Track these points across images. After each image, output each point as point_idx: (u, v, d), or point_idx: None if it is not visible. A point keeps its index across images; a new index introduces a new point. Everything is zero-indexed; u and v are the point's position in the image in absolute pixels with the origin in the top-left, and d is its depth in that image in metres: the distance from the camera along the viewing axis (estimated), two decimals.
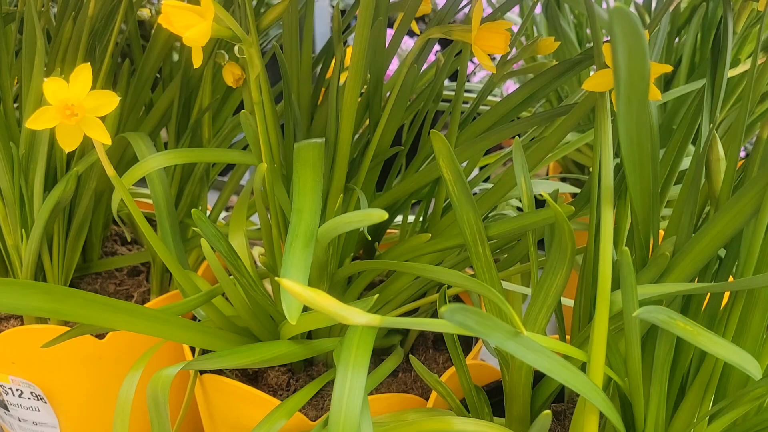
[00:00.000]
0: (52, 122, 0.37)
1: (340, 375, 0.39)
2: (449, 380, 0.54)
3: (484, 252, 0.46)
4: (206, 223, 0.44)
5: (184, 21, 0.35)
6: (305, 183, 0.43)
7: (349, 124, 0.47)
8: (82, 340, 0.61)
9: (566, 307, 0.56)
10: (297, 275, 0.38)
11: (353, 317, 0.33)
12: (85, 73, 0.37)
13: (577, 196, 0.53)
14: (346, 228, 0.39)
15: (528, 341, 0.32)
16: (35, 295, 0.37)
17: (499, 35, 0.41)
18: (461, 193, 0.44)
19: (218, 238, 0.44)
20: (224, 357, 0.46)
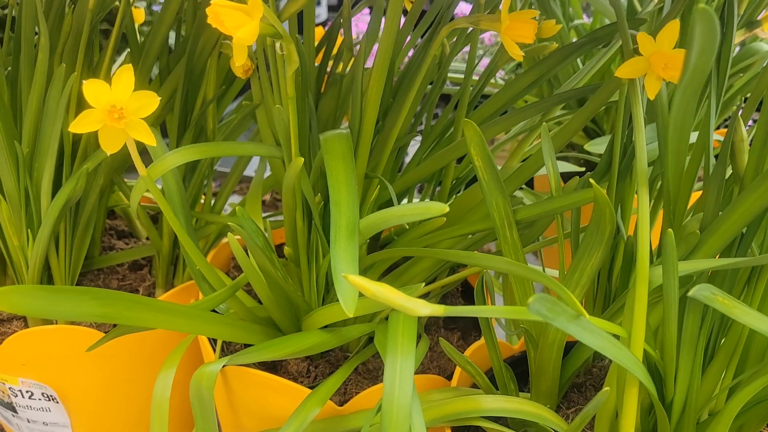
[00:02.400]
0: (96, 125, 0.36)
1: (389, 363, 0.40)
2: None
3: (512, 235, 0.47)
4: (247, 219, 0.44)
5: (235, 21, 0.34)
6: (338, 175, 0.44)
7: (372, 113, 0.48)
8: (94, 337, 0.60)
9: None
10: (347, 268, 0.38)
11: (419, 308, 0.33)
12: (128, 74, 0.36)
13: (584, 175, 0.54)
14: (402, 221, 0.40)
15: (586, 323, 0.34)
16: (89, 301, 0.36)
17: (527, 24, 0.42)
18: (491, 179, 0.45)
19: (257, 233, 0.45)
20: (263, 350, 0.46)
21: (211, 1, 0.35)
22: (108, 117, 0.36)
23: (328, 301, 0.56)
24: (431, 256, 0.44)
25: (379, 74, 0.45)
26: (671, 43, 0.38)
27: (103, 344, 0.47)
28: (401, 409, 0.38)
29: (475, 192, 0.58)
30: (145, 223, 0.65)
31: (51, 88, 0.54)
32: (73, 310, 0.36)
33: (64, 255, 0.60)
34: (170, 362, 0.48)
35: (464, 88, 0.57)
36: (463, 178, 0.65)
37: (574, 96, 0.51)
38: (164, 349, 0.66)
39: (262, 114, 0.57)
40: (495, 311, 0.36)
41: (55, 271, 0.61)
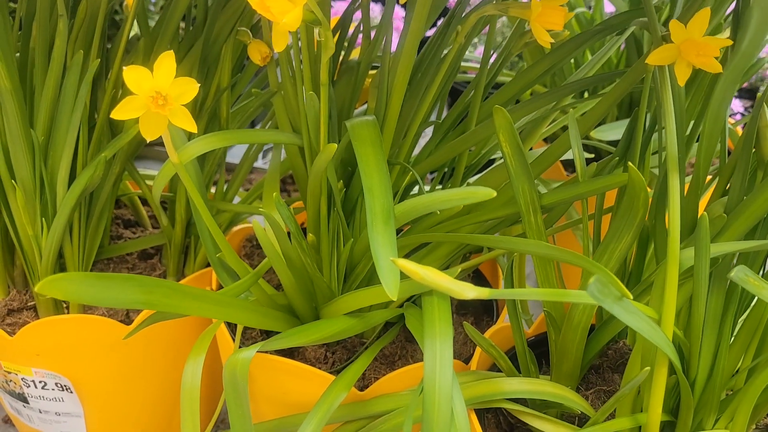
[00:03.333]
0: (138, 111, 0.36)
1: (428, 347, 0.40)
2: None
3: (536, 220, 0.48)
4: (283, 206, 0.44)
5: (281, 7, 0.34)
6: (368, 161, 0.44)
7: (398, 100, 0.48)
8: (110, 326, 0.60)
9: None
10: (386, 252, 0.39)
11: (465, 292, 0.34)
12: (169, 60, 0.36)
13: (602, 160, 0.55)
14: (445, 206, 0.40)
15: (629, 305, 0.35)
16: (133, 288, 0.37)
17: (557, 11, 0.43)
18: (519, 166, 0.46)
19: (291, 219, 0.45)
20: (294, 336, 0.47)
21: None
22: (152, 104, 0.36)
23: (348, 287, 0.57)
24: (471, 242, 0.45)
25: (406, 61, 0.46)
26: (702, 31, 0.39)
27: (136, 333, 0.47)
28: (443, 393, 0.39)
29: (491, 178, 0.58)
30: (158, 212, 0.65)
31: (68, 75, 0.53)
32: (118, 296, 0.36)
33: (78, 244, 0.60)
34: (198, 349, 0.48)
35: (480, 76, 0.58)
36: (475, 164, 0.65)
37: (594, 83, 0.51)
38: (179, 336, 0.66)
39: (279, 101, 0.57)
40: (540, 294, 0.37)
41: (69, 261, 0.61)
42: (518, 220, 0.56)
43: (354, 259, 0.55)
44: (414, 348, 0.61)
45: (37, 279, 0.61)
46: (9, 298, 0.65)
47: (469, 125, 0.60)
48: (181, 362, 0.68)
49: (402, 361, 0.60)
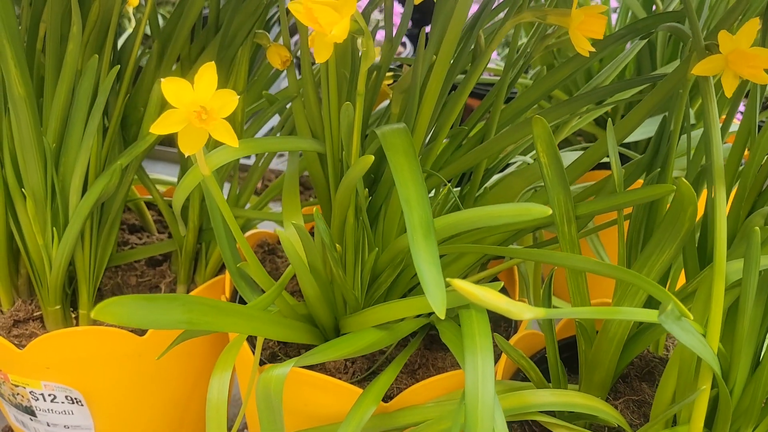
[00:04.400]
0: (179, 125, 0.35)
1: (469, 362, 0.39)
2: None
3: (570, 230, 0.47)
4: (321, 219, 0.43)
5: (329, 18, 0.33)
6: (403, 171, 0.43)
7: (429, 108, 0.47)
8: (123, 338, 0.59)
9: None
10: (430, 268, 0.38)
11: (523, 313, 0.33)
12: (210, 72, 0.35)
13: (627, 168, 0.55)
14: (495, 222, 0.39)
15: (687, 325, 0.34)
16: (177, 307, 0.35)
17: (597, 19, 0.42)
18: (555, 176, 0.45)
19: (326, 233, 0.44)
20: (327, 350, 0.46)
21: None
22: (195, 118, 0.34)
23: (370, 296, 0.56)
24: (515, 255, 0.44)
25: (441, 68, 0.45)
26: (749, 42, 0.38)
27: (172, 348, 0.46)
28: (486, 409, 0.38)
29: (511, 183, 0.58)
30: (170, 219, 0.63)
31: (82, 80, 0.51)
32: (163, 318, 0.35)
33: (89, 253, 0.58)
34: (224, 364, 0.46)
35: (501, 84, 0.57)
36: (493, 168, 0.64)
37: (623, 89, 0.51)
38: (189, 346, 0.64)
39: (298, 106, 0.56)
40: (600, 312, 0.36)
41: (80, 271, 0.59)
42: (538, 228, 0.55)
43: (377, 268, 0.54)
44: (435, 356, 0.60)
45: (45, 289, 0.59)
46: (14, 308, 0.63)
47: (490, 132, 0.59)
48: (191, 373, 0.67)
49: (423, 370, 0.59)
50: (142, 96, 0.58)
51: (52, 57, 0.52)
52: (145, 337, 0.60)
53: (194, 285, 0.68)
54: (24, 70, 0.47)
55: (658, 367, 0.56)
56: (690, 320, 0.33)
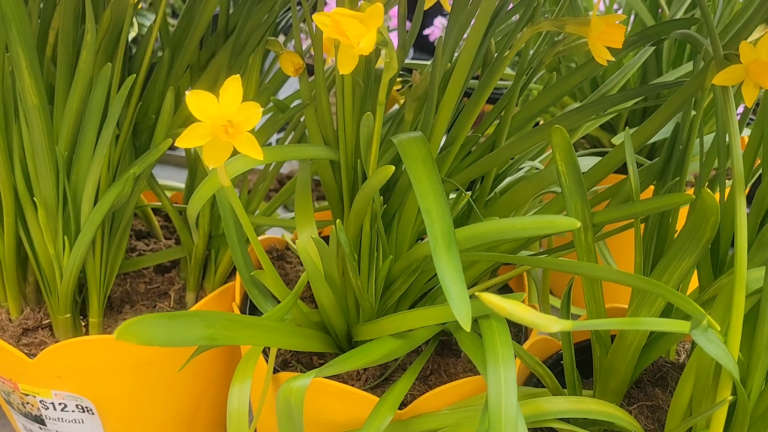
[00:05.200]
0: (204, 139, 0.35)
1: (492, 372, 0.40)
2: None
3: (587, 238, 0.47)
4: (342, 231, 0.43)
5: (357, 30, 0.33)
6: (422, 181, 0.43)
7: (446, 116, 0.47)
8: (134, 346, 0.58)
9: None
10: (454, 280, 0.38)
11: (551, 325, 0.33)
12: (235, 85, 0.35)
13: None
14: (521, 235, 0.39)
15: (712, 335, 0.34)
16: (197, 324, 0.35)
17: (617, 28, 0.42)
18: (573, 184, 0.45)
19: (348, 244, 0.43)
20: (346, 361, 0.46)
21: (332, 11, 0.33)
22: (221, 131, 0.34)
23: (383, 304, 0.56)
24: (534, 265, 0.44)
25: (459, 77, 0.45)
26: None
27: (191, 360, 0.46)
28: (509, 419, 0.38)
29: (523, 190, 0.58)
30: (179, 226, 0.63)
31: (95, 88, 0.51)
32: (185, 335, 0.34)
33: (100, 262, 0.58)
34: (243, 374, 0.46)
35: (513, 90, 0.57)
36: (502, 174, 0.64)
37: (637, 96, 0.51)
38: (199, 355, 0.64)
39: (310, 113, 0.56)
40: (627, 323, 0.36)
41: (90, 279, 0.58)
42: (549, 234, 0.56)
43: (391, 276, 0.54)
44: (446, 362, 0.60)
45: (55, 298, 0.59)
46: (23, 317, 0.62)
47: (501, 138, 0.59)
48: (200, 380, 0.67)
49: (435, 376, 0.59)
50: (153, 103, 0.58)
51: (64, 65, 0.52)
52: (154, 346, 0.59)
53: (203, 291, 0.67)
54: (38, 79, 0.47)
55: (671, 372, 0.56)
56: (717, 329, 0.33)
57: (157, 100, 0.58)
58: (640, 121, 0.82)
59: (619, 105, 0.55)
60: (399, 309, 0.58)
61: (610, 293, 0.62)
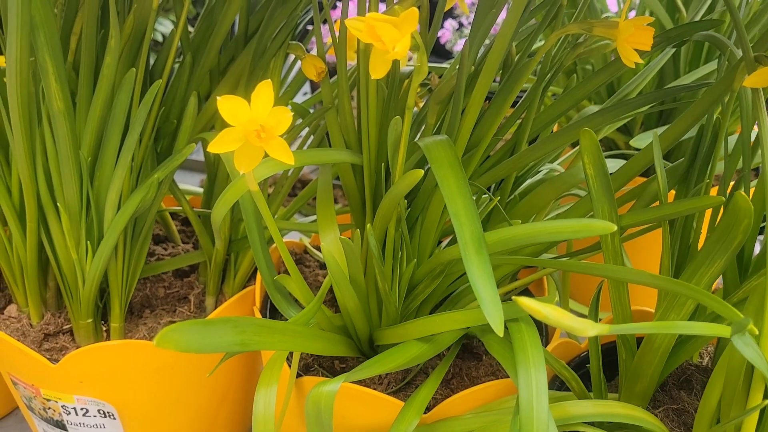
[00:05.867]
0: (236, 144, 0.35)
1: (523, 376, 0.39)
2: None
3: (614, 242, 0.47)
4: (371, 235, 0.43)
5: (392, 36, 0.33)
6: (450, 185, 0.43)
7: (471, 120, 0.47)
8: (156, 351, 0.58)
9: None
10: (486, 284, 0.37)
11: (588, 330, 0.33)
12: (267, 90, 0.35)
13: None
14: (554, 238, 0.39)
15: (748, 339, 0.34)
16: (230, 330, 0.35)
17: (645, 31, 0.42)
18: (600, 187, 0.45)
19: (377, 247, 0.43)
20: (373, 365, 0.46)
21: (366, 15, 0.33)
22: (252, 136, 0.34)
23: (406, 307, 0.55)
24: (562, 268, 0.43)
25: (485, 80, 0.44)
26: None
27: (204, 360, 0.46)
28: (541, 423, 0.38)
29: (541, 193, 0.58)
30: (199, 230, 0.63)
31: (119, 93, 0.51)
32: (218, 341, 0.34)
33: (122, 267, 0.58)
34: (269, 378, 0.46)
35: (533, 93, 0.57)
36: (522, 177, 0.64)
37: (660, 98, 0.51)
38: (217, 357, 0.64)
39: (332, 117, 0.56)
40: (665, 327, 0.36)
41: (113, 284, 0.58)
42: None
43: (414, 280, 0.54)
44: (467, 366, 0.60)
45: (76, 303, 0.59)
46: (44, 321, 0.62)
47: (521, 141, 0.59)
48: (220, 383, 0.67)
49: (456, 380, 0.59)
50: (175, 108, 0.58)
51: (86, 70, 0.52)
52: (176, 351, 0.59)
53: (222, 296, 0.67)
54: (64, 84, 0.47)
55: (695, 375, 0.56)
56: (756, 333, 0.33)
57: (178, 104, 0.58)
58: (656, 124, 0.81)
59: (640, 108, 0.55)
60: (421, 312, 0.58)
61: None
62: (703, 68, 0.70)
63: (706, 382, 0.55)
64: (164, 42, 0.58)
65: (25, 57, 0.41)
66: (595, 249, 0.55)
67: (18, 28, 0.39)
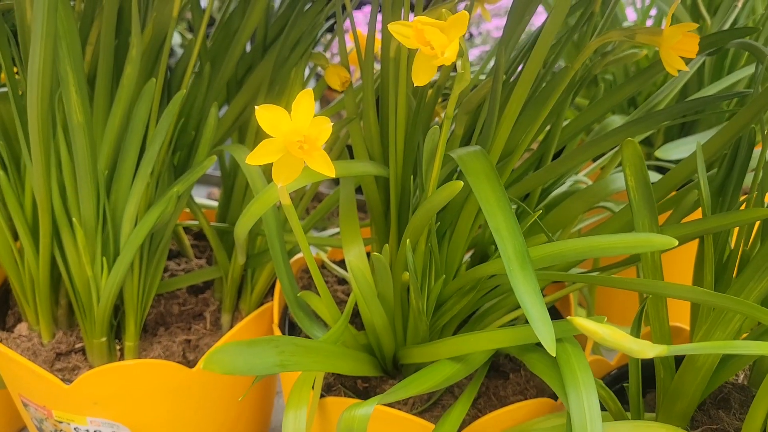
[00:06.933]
0: (276, 155, 0.33)
1: (573, 398, 0.38)
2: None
3: (653, 256, 0.45)
4: (410, 251, 0.41)
5: (441, 41, 0.31)
6: (488, 197, 0.41)
7: (506, 130, 0.45)
8: (173, 370, 0.56)
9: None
10: (534, 302, 0.36)
11: (646, 351, 0.32)
12: (308, 99, 0.33)
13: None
14: (605, 254, 0.37)
15: None
16: (271, 350, 0.34)
17: (690, 38, 0.40)
18: (642, 199, 0.44)
19: (413, 263, 0.42)
20: (407, 387, 0.44)
21: (414, 19, 0.31)
22: (294, 147, 0.32)
23: (433, 324, 0.54)
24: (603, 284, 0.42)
25: (522, 91, 0.43)
26: None
27: (220, 380, 0.44)
28: None
29: (570, 206, 0.56)
30: (216, 245, 0.61)
31: (138, 104, 0.49)
32: (261, 362, 0.33)
33: (138, 284, 0.56)
34: (298, 400, 0.44)
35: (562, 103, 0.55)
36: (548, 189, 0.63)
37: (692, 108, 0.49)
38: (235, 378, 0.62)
39: (355, 129, 0.54)
40: (719, 347, 0.34)
41: (128, 302, 0.56)
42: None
43: (443, 296, 0.52)
44: (495, 384, 0.58)
45: (90, 321, 0.57)
46: (55, 340, 0.60)
47: (548, 152, 0.58)
48: (236, 403, 0.65)
49: (484, 399, 0.57)
50: (192, 119, 0.56)
51: (104, 80, 0.50)
52: (194, 370, 0.57)
53: (239, 312, 0.65)
54: (84, 96, 0.45)
55: (733, 393, 0.54)
56: None
57: (196, 115, 0.56)
58: (678, 134, 0.80)
59: (671, 119, 0.54)
60: (446, 330, 0.56)
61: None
62: (729, 77, 0.69)
63: (744, 400, 0.54)
64: (179, 52, 0.56)
65: (49, 68, 0.39)
66: (626, 264, 0.53)
67: (42, 38, 0.38)
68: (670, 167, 0.73)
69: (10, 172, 0.54)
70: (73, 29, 0.41)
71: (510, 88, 0.44)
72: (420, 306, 0.45)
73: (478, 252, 0.60)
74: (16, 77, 0.50)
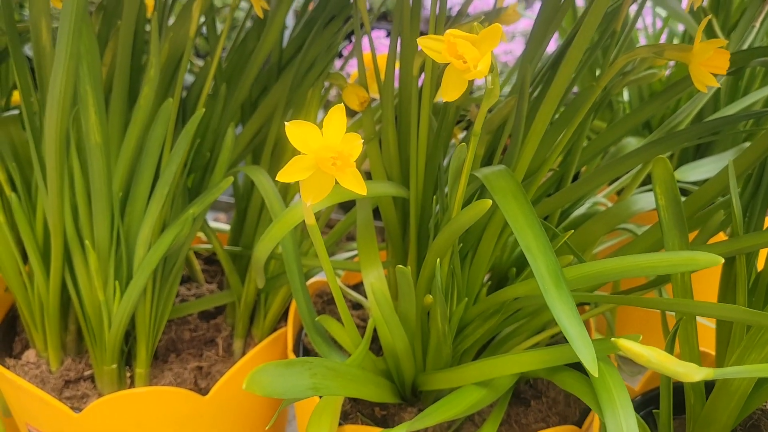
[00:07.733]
0: (307, 172, 0.32)
1: (611, 420, 0.36)
2: None
3: (683, 277, 0.44)
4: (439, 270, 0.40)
5: (474, 54, 0.31)
6: (516, 216, 0.40)
7: (532, 149, 0.45)
8: (186, 398, 0.55)
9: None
10: (572, 322, 0.35)
11: (693, 374, 0.30)
12: (340, 115, 0.32)
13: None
14: (647, 273, 0.36)
15: None
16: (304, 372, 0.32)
17: (721, 54, 0.40)
18: (672, 218, 0.43)
19: (441, 284, 0.40)
20: (434, 414, 0.42)
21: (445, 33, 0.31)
22: (327, 164, 0.31)
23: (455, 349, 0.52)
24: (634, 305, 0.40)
25: (548, 109, 0.42)
26: None
27: (235, 405, 0.42)
28: None
29: (590, 228, 0.55)
30: (229, 270, 0.60)
31: (155, 125, 0.48)
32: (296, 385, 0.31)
33: (150, 309, 0.54)
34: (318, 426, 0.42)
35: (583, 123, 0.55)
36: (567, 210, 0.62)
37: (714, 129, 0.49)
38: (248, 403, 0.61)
39: (374, 149, 0.53)
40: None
41: (140, 327, 0.55)
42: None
43: (465, 320, 0.51)
44: (516, 412, 0.57)
45: (100, 347, 0.55)
46: (64, 367, 0.59)
47: (569, 172, 0.57)
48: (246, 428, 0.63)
49: (505, 427, 0.56)
50: (207, 140, 0.55)
51: (119, 101, 0.50)
52: (207, 397, 0.56)
53: (251, 338, 0.64)
54: (102, 117, 0.44)
55: (762, 420, 0.53)
56: None
57: (211, 137, 0.56)
58: (693, 155, 0.79)
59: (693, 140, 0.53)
60: (467, 355, 0.55)
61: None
62: (745, 99, 0.68)
63: None
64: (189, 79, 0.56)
65: (70, 89, 0.39)
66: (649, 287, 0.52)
67: (65, 59, 0.37)
68: (687, 188, 0.73)
69: (21, 194, 0.52)
70: (95, 49, 0.41)
71: (533, 106, 0.43)
72: (445, 329, 0.44)
73: (496, 275, 0.59)
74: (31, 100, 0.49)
